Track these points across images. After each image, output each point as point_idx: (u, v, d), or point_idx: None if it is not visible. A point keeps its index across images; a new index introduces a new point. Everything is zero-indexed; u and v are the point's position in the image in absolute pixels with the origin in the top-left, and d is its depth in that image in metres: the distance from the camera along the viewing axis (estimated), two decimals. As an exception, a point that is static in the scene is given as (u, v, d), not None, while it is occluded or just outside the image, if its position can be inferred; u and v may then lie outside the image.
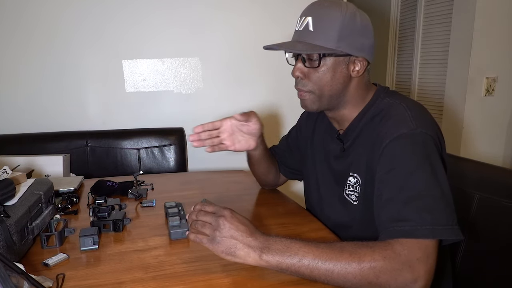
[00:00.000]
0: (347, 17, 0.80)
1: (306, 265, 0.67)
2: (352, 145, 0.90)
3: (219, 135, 1.04)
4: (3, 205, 0.84)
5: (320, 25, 0.80)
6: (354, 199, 0.88)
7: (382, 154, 0.77)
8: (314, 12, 0.82)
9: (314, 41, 0.81)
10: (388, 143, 0.76)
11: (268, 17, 1.99)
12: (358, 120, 0.89)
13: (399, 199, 0.71)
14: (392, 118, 0.80)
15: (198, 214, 0.75)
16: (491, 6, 2.18)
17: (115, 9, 1.86)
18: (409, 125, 0.76)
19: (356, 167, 0.87)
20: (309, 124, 1.09)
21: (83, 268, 0.78)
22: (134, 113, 1.97)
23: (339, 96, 0.87)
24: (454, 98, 2.38)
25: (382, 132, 0.79)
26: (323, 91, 0.85)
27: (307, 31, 0.82)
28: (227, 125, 1.04)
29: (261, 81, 2.06)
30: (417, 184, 0.71)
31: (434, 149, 0.75)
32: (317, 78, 0.84)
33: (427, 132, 0.75)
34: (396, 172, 0.73)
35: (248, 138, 1.05)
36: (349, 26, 0.80)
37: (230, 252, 0.70)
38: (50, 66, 1.86)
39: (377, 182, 0.77)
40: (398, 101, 0.83)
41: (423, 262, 0.65)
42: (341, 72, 0.84)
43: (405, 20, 2.95)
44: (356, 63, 0.84)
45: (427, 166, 0.72)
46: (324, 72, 0.83)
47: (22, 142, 1.78)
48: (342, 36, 0.80)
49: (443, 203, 0.70)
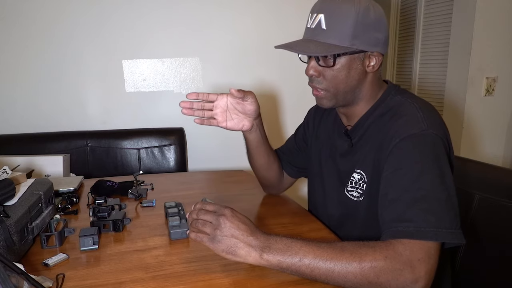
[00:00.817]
0: (360, 12, 0.77)
1: (307, 265, 0.67)
2: (359, 141, 0.89)
3: (212, 109, 0.99)
4: (3, 205, 0.84)
5: (334, 23, 0.78)
6: (357, 195, 0.87)
7: (390, 152, 0.76)
8: (327, 9, 0.79)
9: (327, 39, 0.79)
10: (398, 142, 0.75)
11: (268, 16, 1.99)
12: (367, 116, 0.88)
13: (404, 199, 0.71)
14: (403, 117, 0.79)
15: (198, 213, 0.75)
16: (491, 6, 2.18)
17: (115, 9, 1.86)
18: (420, 126, 0.75)
19: (362, 164, 0.86)
20: (316, 120, 1.07)
21: (83, 268, 0.78)
22: (134, 113, 1.97)
23: (354, 92, 0.85)
24: (454, 98, 2.38)
25: (392, 130, 0.78)
26: (338, 89, 0.84)
27: (320, 29, 0.79)
28: (222, 100, 0.99)
29: (262, 81, 2.06)
30: (424, 186, 0.71)
31: (443, 151, 0.75)
32: (332, 77, 0.83)
33: (437, 134, 0.75)
34: (404, 172, 0.73)
35: (242, 117, 1.00)
36: (363, 22, 0.77)
37: (230, 251, 0.70)
38: (50, 66, 1.86)
39: (383, 181, 0.76)
40: (410, 100, 0.83)
41: (424, 263, 0.65)
42: (356, 69, 0.82)
43: (405, 20, 2.95)
44: (371, 58, 0.82)
45: (435, 168, 0.72)
46: (339, 70, 0.82)
47: (22, 142, 1.78)
48: (356, 33, 0.78)
49: (448, 207, 0.70)
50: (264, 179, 1.19)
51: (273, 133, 2.01)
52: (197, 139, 2.03)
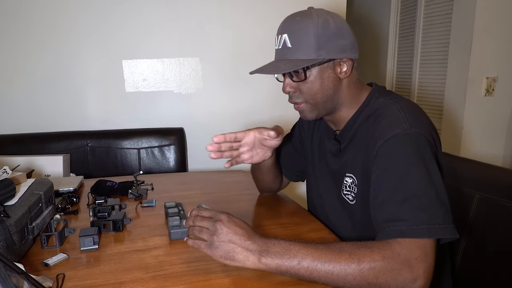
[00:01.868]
0: (319, 25, 0.81)
1: (306, 267, 0.67)
2: (348, 145, 0.90)
3: (238, 148, 0.97)
4: (3, 205, 0.84)
5: (297, 40, 0.82)
6: (351, 199, 0.88)
7: (376, 155, 0.77)
8: (288, 29, 0.83)
9: (294, 56, 0.83)
10: (382, 143, 0.76)
11: (269, 16, 1.99)
12: (353, 120, 0.89)
13: (394, 199, 0.71)
14: (386, 119, 0.80)
15: (195, 219, 0.75)
16: (491, 6, 2.18)
17: (115, 9, 1.86)
18: (402, 126, 0.76)
19: (352, 167, 0.87)
20: (310, 122, 1.08)
21: (83, 268, 0.78)
22: (134, 113, 1.97)
23: (333, 100, 0.88)
24: (454, 98, 2.38)
25: (376, 132, 0.80)
26: (316, 99, 0.87)
27: (286, 48, 0.83)
28: (250, 138, 0.97)
29: (262, 81, 2.06)
30: (412, 184, 0.71)
31: (428, 149, 0.75)
32: (308, 89, 0.86)
33: (420, 132, 0.76)
34: (391, 173, 0.74)
35: (266, 150, 1.00)
36: (324, 33, 0.81)
37: (228, 256, 0.70)
38: (50, 67, 1.86)
39: (373, 183, 0.77)
40: (392, 101, 0.84)
41: (422, 261, 0.65)
42: (328, 77, 0.85)
43: (405, 20, 2.95)
44: (342, 65, 0.85)
45: (421, 166, 0.72)
46: (312, 82, 0.85)
47: (22, 142, 1.78)
48: (320, 44, 0.81)
49: (438, 203, 0.70)
50: (265, 188, 1.21)
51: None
52: (197, 139, 2.03)
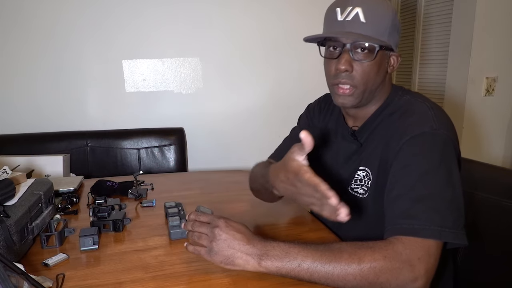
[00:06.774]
0: (394, 12, 0.80)
1: (306, 269, 0.67)
2: (365, 141, 0.89)
3: None
4: (3, 205, 0.84)
5: (374, 17, 0.77)
6: (362, 192, 0.87)
7: (400, 149, 0.76)
8: (364, 3, 0.78)
9: (367, 32, 0.77)
10: (408, 139, 0.75)
11: (269, 16, 1.99)
12: (375, 116, 0.87)
13: (409, 196, 0.71)
14: (415, 115, 0.79)
15: (193, 225, 0.75)
16: (491, 6, 2.18)
17: (115, 9, 1.86)
18: (431, 125, 0.75)
19: (367, 161, 0.86)
20: (321, 118, 1.04)
21: (83, 268, 0.78)
22: (134, 113, 1.97)
23: (375, 91, 0.85)
24: (454, 98, 2.37)
25: (402, 127, 0.78)
26: (367, 86, 0.82)
27: (359, 22, 0.77)
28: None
29: (262, 81, 2.06)
30: (430, 184, 0.71)
31: (453, 152, 0.75)
32: (364, 72, 0.80)
33: (448, 134, 0.75)
34: (411, 170, 0.73)
35: None
36: (394, 23, 0.80)
37: (228, 262, 0.70)
38: (50, 67, 1.86)
39: (391, 176, 0.76)
40: (420, 99, 0.83)
41: (424, 262, 0.65)
42: (383, 66, 0.84)
43: (405, 20, 2.94)
44: (394, 59, 0.85)
45: (443, 168, 0.72)
46: (372, 65, 0.80)
47: (22, 142, 1.78)
48: (391, 30, 0.80)
49: (452, 207, 0.70)
50: (266, 199, 1.07)
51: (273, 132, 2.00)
52: (197, 139, 2.03)
